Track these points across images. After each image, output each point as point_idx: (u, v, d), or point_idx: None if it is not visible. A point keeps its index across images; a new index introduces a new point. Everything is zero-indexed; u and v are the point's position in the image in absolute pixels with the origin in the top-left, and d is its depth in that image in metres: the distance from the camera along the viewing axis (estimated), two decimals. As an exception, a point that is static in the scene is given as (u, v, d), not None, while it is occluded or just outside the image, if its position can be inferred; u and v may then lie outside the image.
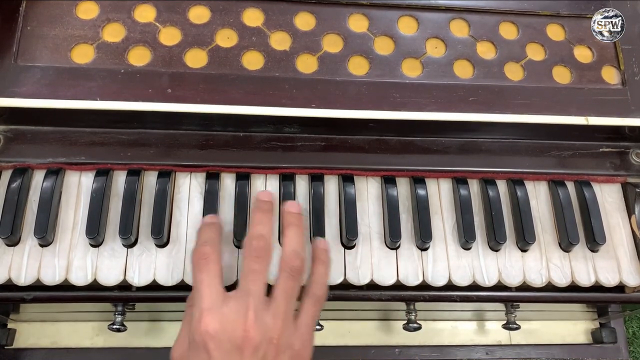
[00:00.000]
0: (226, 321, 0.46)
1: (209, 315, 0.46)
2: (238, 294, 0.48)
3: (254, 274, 0.49)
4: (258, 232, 0.52)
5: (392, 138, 0.64)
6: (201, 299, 0.48)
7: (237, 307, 0.47)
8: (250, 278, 0.49)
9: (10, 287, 0.56)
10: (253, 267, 0.49)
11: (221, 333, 0.46)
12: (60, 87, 0.59)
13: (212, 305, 0.47)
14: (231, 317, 0.46)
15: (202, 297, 0.48)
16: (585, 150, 0.66)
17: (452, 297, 0.61)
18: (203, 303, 0.47)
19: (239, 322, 0.46)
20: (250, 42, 0.63)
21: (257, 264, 0.49)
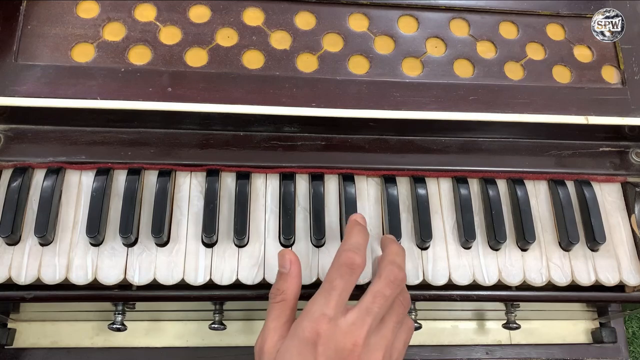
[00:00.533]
0: (340, 332, 0.47)
1: (327, 322, 0.47)
2: (360, 310, 0.48)
3: (383, 299, 0.49)
4: (399, 263, 0.52)
5: (392, 137, 0.64)
6: (327, 304, 0.48)
7: (355, 321, 0.47)
8: (378, 300, 0.49)
9: (11, 287, 0.56)
10: (385, 292, 0.49)
11: (332, 341, 0.46)
12: (60, 85, 0.59)
13: (334, 314, 0.47)
14: (346, 329, 0.47)
15: (329, 302, 0.48)
16: (585, 149, 0.66)
17: (452, 297, 0.61)
18: (328, 309, 0.47)
19: (351, 336, 0.47)
20: (250, 42, 0.64)
21: (389, 290, 0.49)
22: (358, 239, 0.52)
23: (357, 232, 0.53)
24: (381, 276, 0.50)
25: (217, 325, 0.64)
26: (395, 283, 0.50)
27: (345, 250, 0.51)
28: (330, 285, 0.49)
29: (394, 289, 0.50)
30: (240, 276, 0.58)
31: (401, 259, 0.53)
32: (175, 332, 0.74)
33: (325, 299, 0.48)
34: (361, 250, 0.51)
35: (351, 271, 0.49)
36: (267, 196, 0.61)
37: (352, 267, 0.50)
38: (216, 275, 0.57)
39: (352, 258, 0.50)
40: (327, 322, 0.46)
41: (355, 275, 0.50)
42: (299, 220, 0.60)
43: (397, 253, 0.53)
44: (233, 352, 0.74)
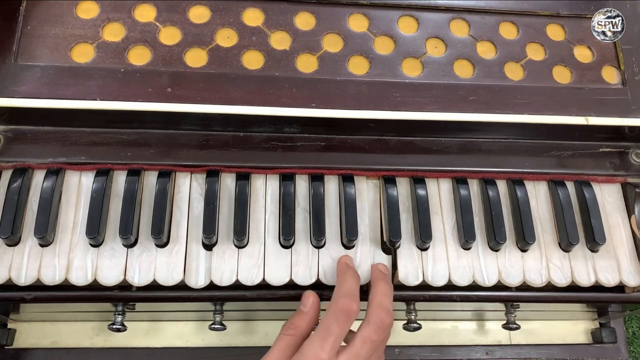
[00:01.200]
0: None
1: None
2: (350, 354, 0.51)
3: (371, 344, 0.51)
4: (387, 306, 0.54)
5: (392, 138, 0.64)
6: (322, 348, 0.50)
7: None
8: (366, 346, 0.51)
9: (11, 287, 0.56)
10: (373, 337, 0.52)
11: None
12: (60, 86, 0.59)
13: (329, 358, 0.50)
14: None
15: (324, 346, 0.50)
16: (585, 150, 0.66)
17: (452, 297, 0.61)
18: (323, 352, 0.50)
19: None
20: (250, 42, 0.63)
21: (377, 336, 0.52)
22: (352, 284, 0.54)
23: (350, 277, 0.55)
24: (370, 321, 0.52)
25: (217, 326, 0.64)
26: (382, 329, 0.52)
27: (342, 296, 0.53)
28: (327, 331, 0.51)
29: (381, 334, 0.52)
30: (240, 277, 0.58)
31: (388, 300, 0.55)
32: (175, 332, 0.74)
33: (320, 343, 0.50)
34: (356, 296, 0.54)
35: (347, 317, 0.52)
36: (267, 197, 0.61)
37: (349, 313, 0.52)
38: (216, 276, 0.57)
39: (349, 305, 0.52)
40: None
41: (350, 321, 0.52)
42: (299, 221, 0.60)
43: (385, 293, 0.55)
44: (233, 352, 0.74)
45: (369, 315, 0.53)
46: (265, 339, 0.75)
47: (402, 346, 0.76)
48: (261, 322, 0.75)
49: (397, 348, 0.76)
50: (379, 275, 0.57)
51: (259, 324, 0.75)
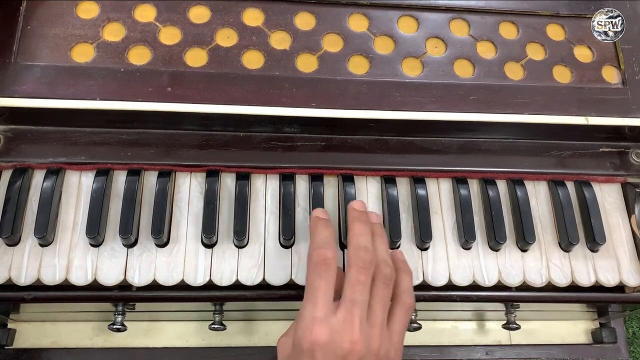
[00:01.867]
0: (335, 332, 0.47)
1: (320, 326, 0.47)
2: (345, 304, 0.48)
3: (360, 285, 0.49)
4: (363, 244, 0.52)
5: (392, 138, 0.64)
6: (315, 307, 0.48)
7: (345, 317, 0.48)
8: (357, 289, 0.49)
9: (11, 287, 0.56)
10: (360, 278, 0.50)
11: (329, 344, 0.46)
12: (60, 85, 0.59)
13: (325, 315, 0.47)
14: (339, 328, 0.47)
15: (315, 304, 0.48)
16: (585, 150, 0.66)
17: (452, 297, 0.61)
18: (316, 311, 0.48)
19: (346, 333, 0.47)
20: (250, 42, 0.63)
21: (363, 275, 0.50)
22: (324, 233, 0.53)
23: (321, 228, 0.54)
24: (351, 265, 0.50)
25: (217, 326, 0.64)
26: (365, 266, 0.50)
27: (315, 248, 0.51)
28: (313, 288, 0.49)
29: (367, 272, 0.50)
30: (240, 277, 0.58)
31: (365, 239, 0.52)
32: (175, 332, 0.74)
33: (311, 303, 0.48)
34: (329, 243, 0.52)
35: (327, 267, 0.50)
36: (267, 197, 0.61)
37: (325, 262, 0.50)
38: (216, 276, 0.57)
39: (323, 254, 0.50)
40: (319, 326, 0.47)
41: (332, 270, 0.50)
42: (299, 221, 0.60)
43: (360, 233, 0.53)
44: (233, 352, 0.74)
45: (349, 260, 0.51)
46: (265, 339, 0.75)
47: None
48: (261, 322, 0.75)
49: (397, 348, 0.76)
50: (353, 215, 0.55)
51: (259, 324, 0.75)
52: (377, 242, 0.54)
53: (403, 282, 0.54)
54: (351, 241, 0.53)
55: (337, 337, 0.47)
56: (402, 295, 0.53)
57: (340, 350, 0.46)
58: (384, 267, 0.52)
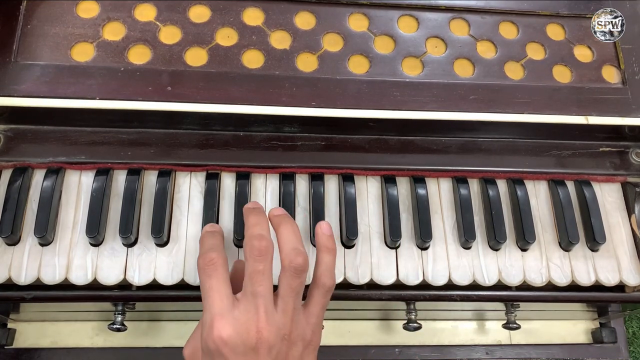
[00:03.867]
0: (238, 324, 0.46)
1: (221, 321, 0.46)
2: (246, 296, 0.48)
3: (259, 275, 0.48)
4: (257, 232, 0.50)
5: (392, 137, 0.64)
6: (212, 305, 0.48)
7: (247, 309, 0.47)
8: (256, 279, 0.48)
9: (11, 287, 0.56)
10: (257, 267, 0.49)
11: (235, 337, 0.46)
12: (60, 84, 0.59)
13: (223, 311, 0.47)
14: (242, 319, 0.47)
15: (212, 303, 0.48)
16: (585, 149, 0.66)
17: (452, 297, 0.61)
18: (214, 309, 0.47)
19: (251, 324, 0.46)
20: (250, 41, 0.63)
21: (260, 264, 0.49)
22: (209, 242, 0.53)
23: (206, 238, 0.53)
24: (247, 257, 0.50)
25: (217, 325, 0.64)
26: (260, 254, 0.49)
27: (200, 256, 0.51)
28: (205, 290, 0.49)
29: (263, 260, 0.49)
30: (240, 276, 0.58)
31: (259, 227, 0.51)
32: (175, 332, 0.74)
33: (208, 303, 0.48)
34: (214, 248, 0.51)
35: (213, 266, 0.49)
36: (267, 196, 0.61)
37: (212, 262, 0.50)
38: (216, 276, 0.57)
39: (208, 256, 0.50)
40: (219, 320, 0.46)
41: (219, 267, 0.50)
42: (299, 221, 0.60)
43: (255, 222, 0.52)
44: (233, 352, 0.74)
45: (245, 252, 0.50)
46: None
47: (402, 346, 0.76)
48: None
49: (397, 348, 0.76)
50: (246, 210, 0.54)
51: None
52: (283, 231, 0.52)
53: (322, 262, 0.52)
54: (246, 233, 0.52)
55: (241, 329, 0.46)
56: (320, 277, 0.52)
57: (248, 341, 0.46)
58: (294, 257, 0.50)
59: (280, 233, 0.52)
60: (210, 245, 0.52)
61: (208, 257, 0.50)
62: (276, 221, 0.53)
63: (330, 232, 0.54)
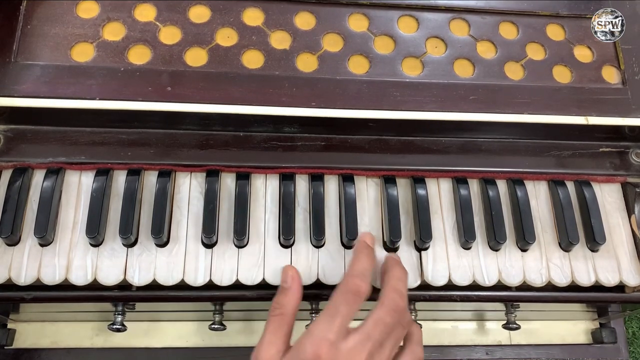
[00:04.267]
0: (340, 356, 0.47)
1: (328, 346, 0.47)
2: (361, 335, 0.49)
3: (384, 326, 0.50)
4: (401, 290, 0.52)
5: (392, 138, 0.64)
6: (330, 328, 0.48)
7: (354, 346, 0.48)
8: (379, 328, 0.49)
9: (10, 287, 0.56)
10: (386, 320, 0.50)
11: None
12: (60, 85, 0.59)
13: (336, 340, 0.48)
14: (345, 354, 0.47)
15: (332, 326, 0.48)
16: (585, 150, 0.66)
17: (452, 297, 0.61)
18: (330, 332, 0.48)
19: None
20: (250, 41, 0.63)
21: (390, 318, 0.50)
22: (365, 265, 0.53)
23: (364, 257, 0.54)
24: (384, 304, 0.51)
25: (217, 326, 0.64)
26: (396, 311, 0.51)
27: (352, 276, 0.52)
28: (335, 310, 0.49)
29: (395, 317, 0.50)
30: (240, 277, 0.58)
31: (403, 285, 0.53)
32: (175, 333, 0.74)
33: (328, 323, 0.48)
34: (367, 277, 0.52)
35: (356, 298, 0.50)
36: (266, 197, 0.61)
37: (357, 294, 0.50)
38: (216, 276, 0.57)
39: (358, 285, 0.51)
40: (328, 346, 0.47)
41: (359, 302, 0.50)
42: (299, 221, 0.60)
43: (400, 278, 0.53)
44: (233, 353, 0.74)
45: (383, 298, 0.51)
46: (265, 339, 0.75)
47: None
48: (261, 322, 0.75)
49: (397, 348, 0.76)
50: (394, 261, 0.56)
51: (259, 324, 0.75)
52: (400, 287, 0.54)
53: (416, 333, 0.55)
54: (390, 282, 0.53)
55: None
56: (414, 346, 0.54)
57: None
58: (407, 314, 0.53)
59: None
60: (364, 271, 0.53)
61: (357, 285, 0.51)
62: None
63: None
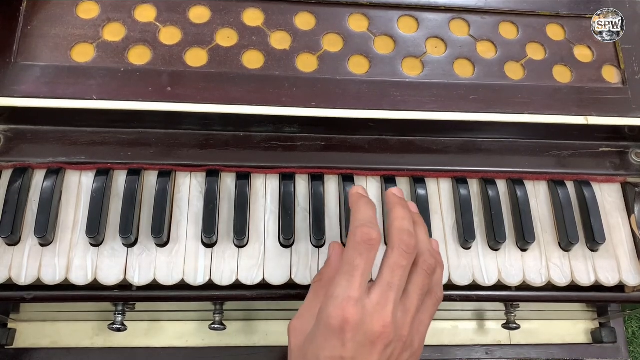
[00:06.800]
0: (367, 314, 0.45)
1: (355, 306, 0.45)
2: (382, 286, 0.47)
3: (401, 270, 0.48)
4: (407, 228, 0.50)
5: (392, 138, 0.64)
6: (351, 286, 0.46)
7: (379, 300, 0.46)
8: (397, 273, 0.47)
9: (11, 287, 0.56)
10: (401, 262, 0.48)
11: (360, 325, 0.45)
12: (60, 85, 0.59)
13: (359, 296, 0.45)
14: (372, 310, 0.46)
15: (353, 283, 0.46)
16: (585, 149, 0.66)
17: (452, 297, 0.61)
18: (352, 290, 0.45)
19: (379, 316, 0.46)
20: (250, 42, 0.64)
21: (405, 260, 0.48)
22: (368, 212, 0.50)
23: (364, 205, 0.51)
24: (394, 247, 0.48)
25: (217, 326, 0.64)
26: (408, 251, 0.48)
27: (359, 226, 0.49)
28: (352, 266, 0.47)
29: (409, 257, 0.48)
30: (240, 277, 0.58)
31: (409, 223, 0.50)
32: (175, 332, 0.74)
33: (348, 281, 0.46)
34: (374, 223, 0.49)
35: (370, 247, 0.48)
36: (266, 197, 0.61)
37: (370, 242, 0.48)
38: (216, 276, 0.57)
39: (368, 234, 0.48)
40: (353, 306, 0.45)
41: (374, 251, 0.48)
42: (299, 221, 0.60)
43: (404, 217, 0.51)
44: (233, 352, 0.74)
45: (391, 242, 0.49)
46: (265, 339, 0.75)
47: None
48: (261, 322, 0.75)
49: (397, 348, 0.76)
50: (395, 200, 0.53)
51: (259, 324, 0.75)
52: (419, 231, 0.52)
53: (437, 274, 0.52)
54: (393, 223, 0.50)
55: (368, 320, 0.45)
56: (434, 287, 0.52)
57: (371, 333, 0.45)
58: (429, 257, 0.50)
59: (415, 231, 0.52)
60: (369, 218, 0.50)
61: (368, 233, 0.48)
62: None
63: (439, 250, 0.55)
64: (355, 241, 0.48)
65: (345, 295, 0.45)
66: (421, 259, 0.50)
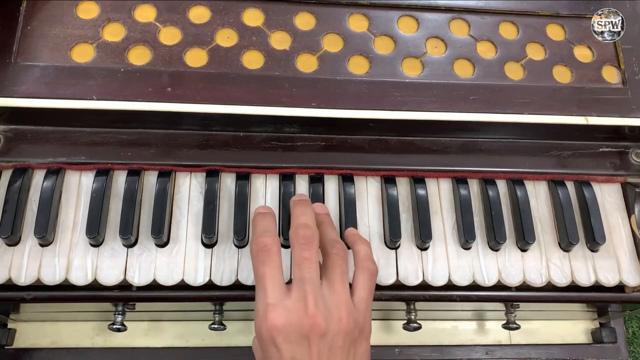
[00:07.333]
0: (290, 313, 0.47)
1: (274, 311, 0.47)
2: (296, 283, 0.49)
3: (307, 262, 0.49)
4: (302, 222, 0.52)
5: (392, 138, 0.64)
6: (265, 294, 0.48)
7: (298, 296, 0.48)
8: (304, 266, 0.49)
9: (11, 287, 0.56)
10: (304, 255, 0.50)
11: (288, 326, 0.46)
12: (60, 85, 0.59)
13: (276, 300, 0.47)
14: (294, 308, 0.47)
15: (266, 291, 0.48)
16: (585, 150, 0.66)
17: (452, 297, 0.61)
18: (267, 298, 0.47)
19: (302, 311, 0.47)
20: (250, 42, 0.63)
21: (307, 252, 0.50)
22: (263, 224, 0.53)
23: (259, 220, 0.54)
24: (294, 245, 0.51)
25: (217, 326, 0.64)
26: (307, 242, 0.50)
27: (253, 241, 0.51)
28: (259, 277, 0.49)
29: (309, 247, 0.50)
30: (240, 277, 0.58)
31: (305, 217, 0.53)
32: (175, 332, 0.74)
33: (261, 292, 0.48)
34: (268, 231, 0.52)
35: (267, 252, 0.50)
36: (266, 197, 0.61)
37: (265, 248, 0.50)
38: (216, 276, 0.57)
39: (262, 242, 0.50)
40: (273, 311, 0.46)
41: (273, 254, 0.50)
42: (299, 221, 0.60)
43: (301, 213, 0.53)
44: (233, 352, 0.74)
45: (291, 240, 0.51)
46: (265, 339, 0.75)
47: (402, 346, 0.76)
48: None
49: (397, 348, 0.76)
50: (294, 200, 0.56)
51: (258, 324, 0.75)
52: (325, 228, 0.54)
53: (361, 251, 0.54)
54: (292, 223, 0.53)
55: (294, 317, 0.46)
56: (362, 262, 0.53)
57: (300, 329, 0.46)
58: (335, 244, 0.53)
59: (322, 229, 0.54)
60: (264, 229, 0.52)
61: (263, 241, 0.50)
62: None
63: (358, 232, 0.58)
64: (253, 255, 0.51)
65: (264, 304, 0.47)
66: (328, 246, 0.52)
